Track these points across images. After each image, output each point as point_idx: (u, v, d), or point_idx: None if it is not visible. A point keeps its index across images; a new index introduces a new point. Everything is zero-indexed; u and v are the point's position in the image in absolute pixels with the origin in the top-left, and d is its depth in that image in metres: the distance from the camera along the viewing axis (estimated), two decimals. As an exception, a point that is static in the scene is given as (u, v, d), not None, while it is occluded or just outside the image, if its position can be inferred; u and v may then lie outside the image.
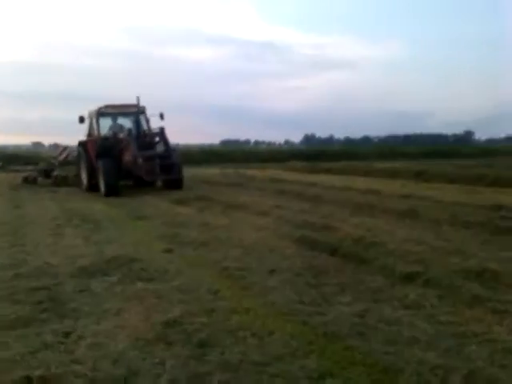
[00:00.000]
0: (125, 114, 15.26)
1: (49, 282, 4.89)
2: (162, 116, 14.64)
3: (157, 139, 14.06)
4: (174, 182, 13.56)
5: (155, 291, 4.52)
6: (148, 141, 14.07)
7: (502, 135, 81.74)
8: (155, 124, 14.94)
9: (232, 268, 5.28)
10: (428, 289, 4.48)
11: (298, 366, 3.05)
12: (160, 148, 13.79)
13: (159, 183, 14.85)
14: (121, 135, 14.46)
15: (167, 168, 13.11)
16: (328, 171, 19.45)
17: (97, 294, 4.52)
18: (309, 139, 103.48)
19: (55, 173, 17.26)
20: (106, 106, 14.79)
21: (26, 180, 17.07)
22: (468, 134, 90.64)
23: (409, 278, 4.77)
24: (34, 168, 18.96)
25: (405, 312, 3.95)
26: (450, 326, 3.66)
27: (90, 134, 15.35)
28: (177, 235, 7.15)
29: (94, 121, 14.87)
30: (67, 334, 3.56)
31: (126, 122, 15.39)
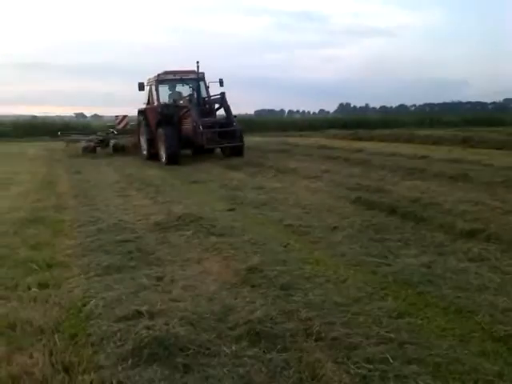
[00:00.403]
0: (184, 81, 14.36)
1: (130, 235, 5.30)
2: (221, 82, 14.14)
3: (216, 106, 13.80)
4: (236, 149, 13.12)
5: (230, 244, 4.86)
6: (208, 108, 13.77)
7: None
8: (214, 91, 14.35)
9: (296, 225, 5.58)
10: (490, 244, 4.66)
11: (376, 306, 3.33)
12: (220, 115, 13.63)
13: (218, 150, 14.43)
14: (181, 102, 13.85)
15: (229, 135, 12.89)
16: (371, 139, 19.34)
17: (177, 246, 4.91)
18: (344, 108, 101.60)
19: (113, 142, 17.02)
20: (166, 73, 14.25)
21: (85, 149, 16.77)
22: (508, 102, 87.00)
23: (470, 234, 4.95)
24: (91, 138, 18.24)
25: (470, 264, 4.16)
26: (516, 275, 3.84)
27: (149, 102, 14.99)
28: (235, 197, 7.48)
29: (154, 88, 14.44)
30: (159, 278, 3.95)
31: (186, 89, 14.59)
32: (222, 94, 13.15)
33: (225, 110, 13.22)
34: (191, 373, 2.50)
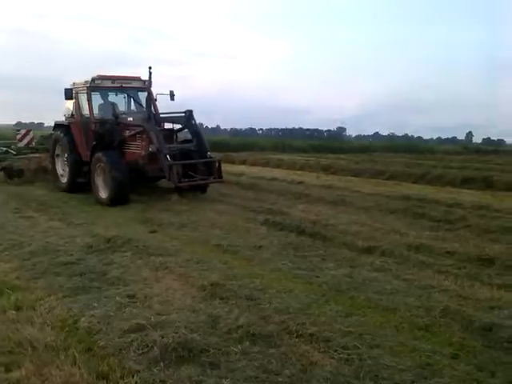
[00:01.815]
0: (125, 90, 11.29)
1: (69, 258, 5.46)
2: (172, 95, 11.34)
3: (175, 127, 10.57)
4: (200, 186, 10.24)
5: (175, 262, 5.34)
6: (168, 131, 10.40)
7: (370, 132, 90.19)
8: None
9: (224, 245, 6.24)
10: (386, 257, 5.87)
11: (326, 309, 4.19)
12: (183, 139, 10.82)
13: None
14: (129, 119, 10.64)
15: (205, 169, 9.85)
16: (243, 162, 20.63)
17: (125, 266, 5.23)
18: None
19: (6, 163, 12.85)
20: (101, 78, 10.94)
21: None
22: (341, 130, 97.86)
23: (368, 251, 6.13)
24: None
25: (377, 274, 5.26)
26: (414, 281, 5.03)
27: (73, 115, 11.33)
28: (148, 219, 7.85)
29: (85, 97, 10.83)
30: (132, 296, 4.32)
31: (120, 101, 11.56)
32: (189, 112, 10.06)
33: (194, 135, 10.17)
34: (218, 368, 3.05)
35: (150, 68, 10.46)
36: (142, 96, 11.25)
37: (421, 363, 3.27)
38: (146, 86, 10.86)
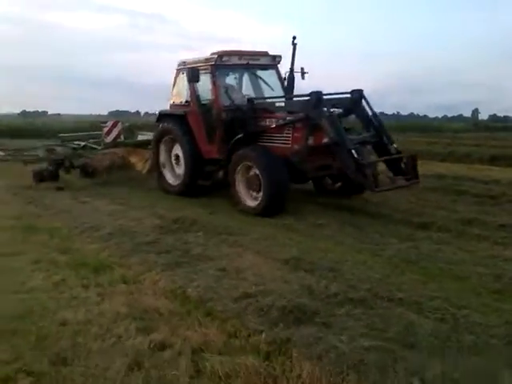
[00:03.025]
0: (252, 68, 9.06)
1: (148, 238, 5.82)
2: (303, 73, 8.93)
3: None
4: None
5: (247, 240, 5.71)
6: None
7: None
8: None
9: (286, 224, 6.60)
10: (442, 232, 6.17)
11: (405, 278, 4.54)
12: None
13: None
14: (279, 104, 8.31)
15: (394, 166, 7.36)
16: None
17: (203, 244, 5.58)
18: None
19: (82, 161, 10.69)
20: (227, 53, 8.52)
21: (38, 176, 10.01)
22: None
23: (424, 226, 6.45)
24: (43, 154, 11.20)
25: (441, 246, 5.57)
26: (476, 252, 5.36)
27: (187, 102, 8.91)
28: (205, 203, 8.21)
29: (207, 78, 8.47)
30: (223, 269, 4.67)
31: (246, 82, 9.34)
32: (358, 92, 7.64)
33: (368, 122, 7.64)
34: (332, 327, 3.41)
35: (293, 38, 8.72)
36: (265, 75, 9.15)
37: (507, 320, 3.61)
38: (276, 62, 9.01)
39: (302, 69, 8.90)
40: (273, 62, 9.03)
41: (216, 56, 8.32)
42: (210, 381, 2.74)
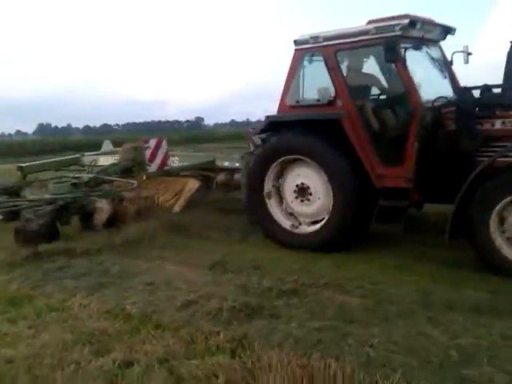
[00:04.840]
0: (424, 44, 5.91)
1: (57, 264, 5.53)
2: (468, 54, 5.99)
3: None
4: None
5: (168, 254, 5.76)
6: None
7: (227, 120, 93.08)
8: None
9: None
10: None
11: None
12: None
13: None
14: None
15: None
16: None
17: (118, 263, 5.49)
18: (43, 128, 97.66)
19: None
20: (412, 21, 5.39)
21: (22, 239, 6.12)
22: (199, 120, 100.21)
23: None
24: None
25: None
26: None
27: (331, 100, 5.81)
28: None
29: (374, 59, 6.20)
30: (152, 283, 4.68)
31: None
32: None
33: None
34: (280, 317, 3.73)
35: None
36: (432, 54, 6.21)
37: (416, 289, 4.27)
38: (444, 36, 6.19)
39: (466, 48, 6.05)
40: (442, 35, 6.17)
41: (404, 22, 5.33)
42: (193, 384, 2.85)
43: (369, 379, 2.80)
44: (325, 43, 5.77)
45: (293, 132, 5.85)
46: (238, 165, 8.03)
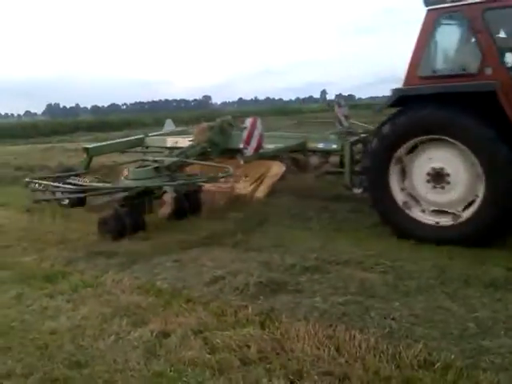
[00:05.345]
0: None
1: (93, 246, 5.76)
2: None
3: None
4: None
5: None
6: None
7: (235, 98, 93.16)
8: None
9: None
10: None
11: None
12: None
13: None
14: None
15: None
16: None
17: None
18: (52, 109, 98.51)
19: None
20: None
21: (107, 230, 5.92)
22: (207, 98, 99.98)
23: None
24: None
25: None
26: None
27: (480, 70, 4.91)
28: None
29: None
30: (179, 260, 4.89)
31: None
32: None
33: None
34: (304, 291, 3.94)
35: None
36: None
37: (433, 264, 4.43)
38: None
39: None
40: None
41: None
42: (227, 353, 3.05)
43: (392, 350, 2.98)
44: (469, 1, 4.93)
45: (433, 107, 4.94)
46: (335, 146, 7.40)
